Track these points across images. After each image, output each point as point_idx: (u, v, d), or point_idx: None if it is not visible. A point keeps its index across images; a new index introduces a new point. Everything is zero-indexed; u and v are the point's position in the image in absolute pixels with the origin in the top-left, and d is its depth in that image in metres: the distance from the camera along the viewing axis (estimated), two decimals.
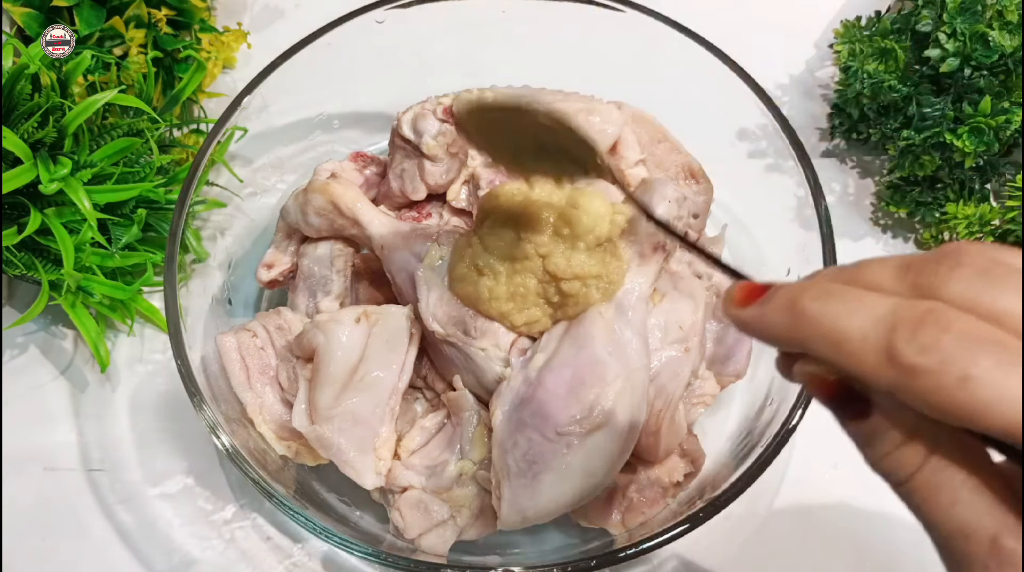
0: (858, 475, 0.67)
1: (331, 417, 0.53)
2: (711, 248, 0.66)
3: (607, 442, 0.48)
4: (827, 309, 0.28)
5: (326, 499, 0.59)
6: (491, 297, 0.52)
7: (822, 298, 0.28)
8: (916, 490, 0.29)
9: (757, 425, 0.58)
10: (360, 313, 0.55)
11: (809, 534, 0.63)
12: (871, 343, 0.26)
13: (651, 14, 0.64)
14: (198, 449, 0.65)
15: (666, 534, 0.50)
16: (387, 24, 0.66)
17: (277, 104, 0.66)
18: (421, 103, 0.64)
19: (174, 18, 0.73)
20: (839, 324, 0.27)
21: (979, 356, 0.25)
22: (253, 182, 0.69)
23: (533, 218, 0.50)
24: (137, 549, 0.62)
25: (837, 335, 0.27)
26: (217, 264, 0.66)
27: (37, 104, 0.61)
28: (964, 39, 0.65)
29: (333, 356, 0.53)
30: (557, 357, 0.50)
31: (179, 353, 0.55)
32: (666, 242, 0.51)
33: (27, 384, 0.68)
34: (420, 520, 0.53)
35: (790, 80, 0.80)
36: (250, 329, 0.59)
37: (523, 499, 0.48)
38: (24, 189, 0.60)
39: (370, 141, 0.73)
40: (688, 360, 0.55)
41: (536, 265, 0.50)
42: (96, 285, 0.63)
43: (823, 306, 0.28)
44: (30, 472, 0.65)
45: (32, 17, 0.68)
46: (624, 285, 0.51)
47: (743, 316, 0.31)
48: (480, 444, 0.54)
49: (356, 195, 0.60)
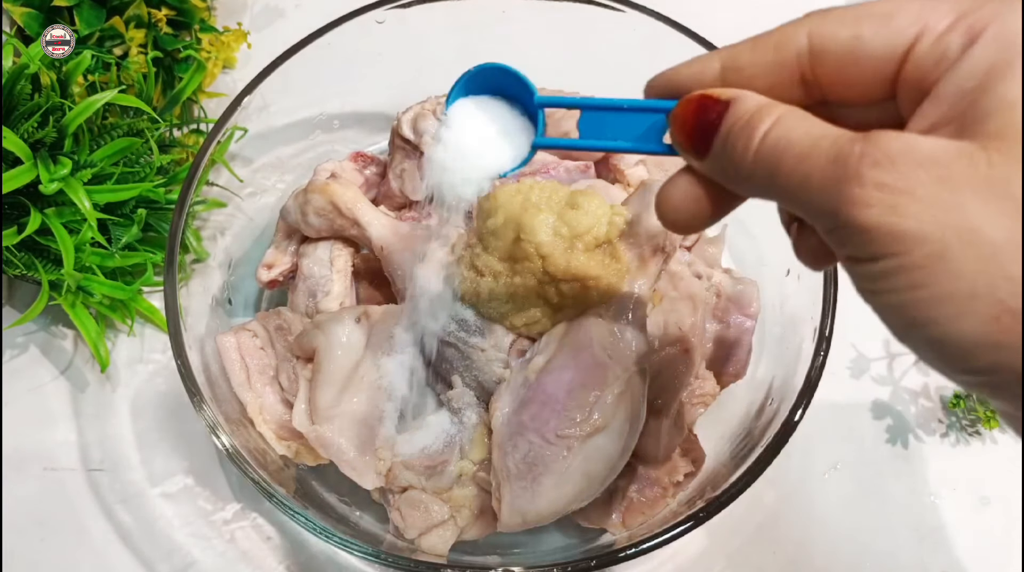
0: (858, 475, 0.67)
1: (331, 417, 0.53)
2: (711, 248, 0.66)
3: (607, 444, 0.48)
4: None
5: (326, 499, 0.59)
6: (491, 297, 0.52)
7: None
8: (769, 148, 0.29)
9: (757, 425, 0.58)
10: (360, 313, 0.55)
11: (809, 534, 0.63)
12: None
13: (651, 14, 0.64)
14: (198, 449, 0.65)
15: (666, 534, 0.50)
16: (387, 24, 0.66)
17: (277, 104, 0.66)
18: (421, 103, 0.64)
19: (174, 18, 0.73)
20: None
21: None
22: (253, 182, 0.69)
23: (533, 218, 0.50)
24: (137, 549, 0.62)
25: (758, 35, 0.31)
26: (217, 264, 0.66)
27: (37, 104, 0.61)
28: None
29: (333, 356, 0.53)
30: (557, 359, 0.50)
31: (179, 353, 0.55)
32: (666, 244, 0.51)
33: (27, 384, 0.68)
34: (420, 520, 0.53)
35: None
36: (250, 329, 0.59)
37: (523, 501, 0.48)
38: (24, 189, 0.60)
39: (370, 141, 0.73)
40: (688, 361, 0.55)
41: (536, 266, 0.50)
42: (96, 285, 0.63)
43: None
44: (30, 472, 0.65)
45: (32, 17, 0.68)
46: (624, 286, 0.51)
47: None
48: (480, 444, 0.54)
49: (356, 195, 0.60)
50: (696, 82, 0.32)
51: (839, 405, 0.68)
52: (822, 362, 0.54)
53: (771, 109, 0.29)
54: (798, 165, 0.28)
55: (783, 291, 0.63)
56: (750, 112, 0.30)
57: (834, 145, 0.27)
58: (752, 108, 0.30)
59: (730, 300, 0.62)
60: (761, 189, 0.30)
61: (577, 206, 0.50)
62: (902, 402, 0.68)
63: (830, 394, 0.67)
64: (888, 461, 0.66)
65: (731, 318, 0.61)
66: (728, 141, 0.30)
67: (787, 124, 0.28)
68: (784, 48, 0.30)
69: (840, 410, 0.68)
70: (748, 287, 0.62)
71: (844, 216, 0.26)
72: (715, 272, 0.63)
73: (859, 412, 0.68)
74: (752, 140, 0.29)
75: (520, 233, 0.50)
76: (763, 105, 0.30)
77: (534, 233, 0.50)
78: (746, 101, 0.30)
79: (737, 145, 0.29)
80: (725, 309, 0.62)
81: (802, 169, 0.27)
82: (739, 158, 0.29)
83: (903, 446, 0.66)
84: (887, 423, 0.67)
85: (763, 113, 0.29)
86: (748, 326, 0.61)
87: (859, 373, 0.69)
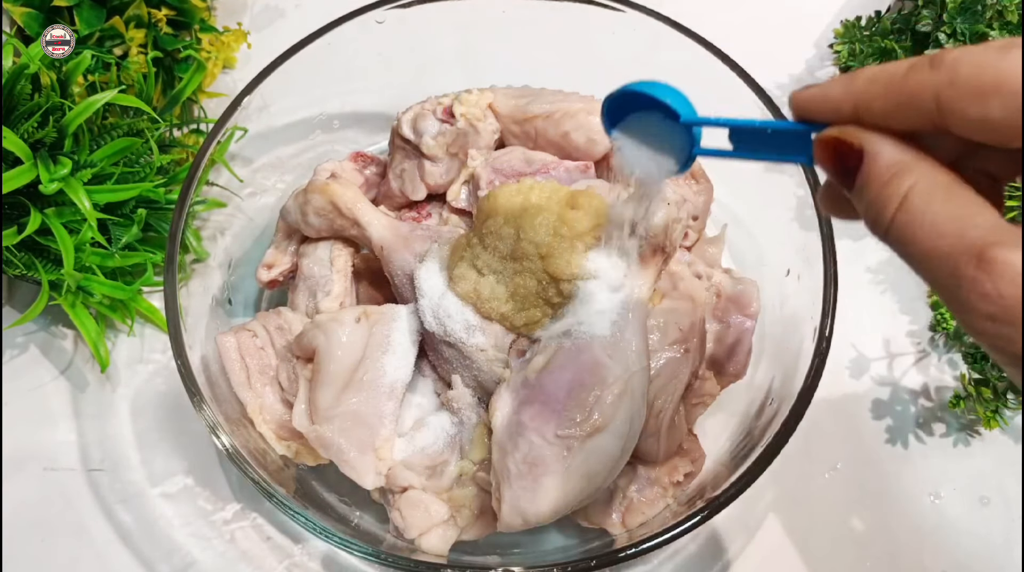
0: (858, 475, 0.67)
1: (331, 417, 0.53)
2: (711, 248, 0.66)
3: (607, 445, 0.48)
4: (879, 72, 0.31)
5: (326, 499, 0.59)
6: (491, 297, 0.52)
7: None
8: (902, 225, 0.30)
9: (757, 425, 0.58)
10: (360, 313, 0.55)
11: (809, 534, 0.63)
12: (916, 64, 0.30)
13: (651, 14, 0.64)
14: (198, 449, 0.65)
15: (666, 534, 0.50)
16: (387, 24, 0.66)
17: (277, 104, 0.66)
18: (421, 103, 0.64)
19: (174, 18, 0.73)
20: (888, 69, 0.31)
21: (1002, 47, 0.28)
22: (253, 182, 0.69)
23: (533, 218, 0.50)
24: (137, 549, 0.62)
25: (889, 76, 0.31)
26: (217, 264, 0.66)
27: (37, 104, 0.61)
28: (964, 39, 0.65)
29: (333, 356, 0.53)
30: (557, 359, 0.50)
31: (179, 353, 0.55)
32: (666, 244, 0.51)
33: (27, 384, 0.68)
34: (420, 520, 0.53)
35: (790, 80, 0.80)
36: (250, 329, 0.59)
37: (523, 502, 0.48)
38: (24, 189, 0.60)
39: (370, 141, 0.73)
40: (688, 361, 0.55)
41: (536, 265, 0.50)
42: (96, 285, 0.63)
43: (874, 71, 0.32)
44: (30, 472, 0.65)
45: (32, 17, 0.68)
46: (624, 287, 0.51)
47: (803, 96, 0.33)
48: (480, 444, 0.54)
49: (356, 195, 0.60)
50: (831, 112, 0.33)
51: (839, 405, 0.68)
52: (822, 362, 0.54)
53: (905, 177, 0.30)
54: (924, 259, 0.29)
55: (783, 291, 0.63)
56: (883, 178, 0.30)
57: (950, 257, 0.28)
58: (885, 172, 0.30)
59: (730, 300, 0.62)
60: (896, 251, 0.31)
61: (577, 206, 0.50)
62: (902, 402, 0.68)
63: (830, 394, 0.67)
64: (888, 461, 0.66)
65: (731, 318, 0.61)
66: (865, 202, 0.31)
67: (916, 205, 0.29)
68: (916, 107, 0.30)
69: (840, 410, 0.68)
70: (748, 287, 0.62)
71: (961, 322, 0.29)
72: (715, 272, 0.63)
73: (859, 412, 0.68)
74: (886, 211, 0.30)
75: (520, 233, 0.50)
76: (896, 172, 0.30)
77: (534, 233, 0.50)
78: (880, 159, 0.31)
79: (871, 212, 0.31)
80: (725, 309, 0.62)
81: (928, 264, 0.29)
82: (875, 225, 0.31)
83: (903, 446, 0.66)
84: (887, 423, 0.67)
85: (896, 184, 0.30)
86: (748, 326, 0.61)
87: (859, 373, 0.69)
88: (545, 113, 0.61)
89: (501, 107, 0.63)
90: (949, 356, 0.70)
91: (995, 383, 0.63)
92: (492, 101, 0.63)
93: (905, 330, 0.71)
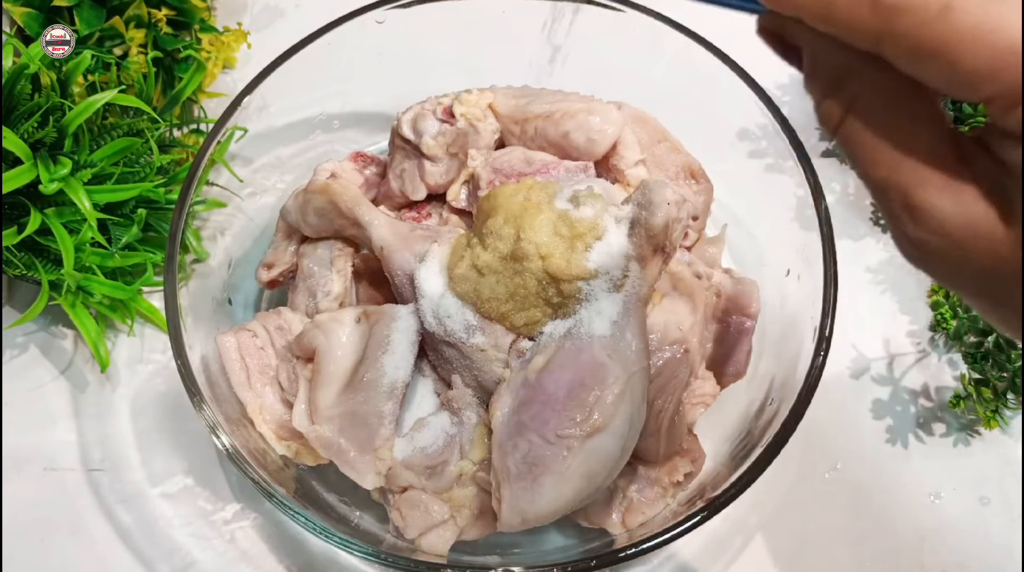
0: (858, 475, 0.67)
1: (331, 417, 0.53)
2: (711, 248, 0.66)
3: (607, 445, 0.48)
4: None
5: (326, 499, 0.59)
6: (491, 297, 0.52)
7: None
8: (844, 138, 0.30)
9: (757, 425, 0.58)
10: (360, 313, 0.55)
11: (809, 534, 0.63)
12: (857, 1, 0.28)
13: (651, 14, 0.64)
14: (198, 449, 0.65)
15: (666, 534, 0.50)
16: (387, 24, 0.66)
17: (277, 104, 0.66)
18: (421, 103, 0.64)
19: (174, 18, 0.73)
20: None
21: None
22: (253, 182, 0.69)
23: (533, 218, 0.50)
24: (137, 549, 0.62)
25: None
26: (217, 264, 0.66)
27: (37, 104, 0.61)
28: None
29: (333, 356, 0.53)
30: (556, 359, 0.50)
31: (179, 353, 0.55)
32: (666, 244, 0.51)
33: (27, 384, 0.68)
34: (420, 520, 0.53)
35: (790, 80, 0.80)
36: (250, 329, 0.59)
37: (523, 502, 0.48)
38: (24, 189, 0.60)
39: (370, 141, 0.73)
40: (687, 361, 0.55)
41: (536, 265, 0.50)
42: (96, 285, 0.63)
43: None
44: (30, 472, 0.65)
45: (32, 17, 0.68)
46: (624, 287, 0.51)
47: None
48: (480, 444, 0.54)
49: (356, 195, 0.60)
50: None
51: (839, 405, 0.68)
52: (822, 362, 0.54)
53: (847, 83, 0.29)
54: (862, 179, 0.30)
55: (783, 291, 0.63)
56: (826, 82, 0.30)
57: (883, 191, 0.29)
58: (828, 76, 0.30)
59: (730, 300, 0.62)
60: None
61: (577, 206, 0.50)
62: (902, 402, 0.68)
63: (830, 394, 0.67)
64: (888, 461, 0.66)
65: (731, 318, 0.61)
66: (813, 100, 0.31)
67: (856, 125, 0.29)
68: (855, 39, 0.29)
69: (840, 410, 0.68)
70: (748, 287, 0.62)
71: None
72: (715, 272, 0.63)
73: (859, 412, 0.68)
74: (830, 121, 0.30)
75: (520, 233, 0.50)
76: (840, 75, 0.30)
77: (534, 233, 0.50)
78: (822, 61, 0.30)
79: (817, 112, 0.30)
80: (725, 309, 0.62)
81: (866, 184, 0.30)
82: (822, 125, 0.31)
83: (903, 446, 0.66)
84: (887, 423, 0.67)
85: (840, 92, 0.30)
86: (748, 326, 0.61)
87: (859, 373, 0.69)
88: (545, 113, 0.61)
89: (501, 107, 0.63)
90: (949, 356, 0.70)
91: (995, 383, 0.63)
92: (492, 101, 0.63)
93: (905, 330, 0.71)
